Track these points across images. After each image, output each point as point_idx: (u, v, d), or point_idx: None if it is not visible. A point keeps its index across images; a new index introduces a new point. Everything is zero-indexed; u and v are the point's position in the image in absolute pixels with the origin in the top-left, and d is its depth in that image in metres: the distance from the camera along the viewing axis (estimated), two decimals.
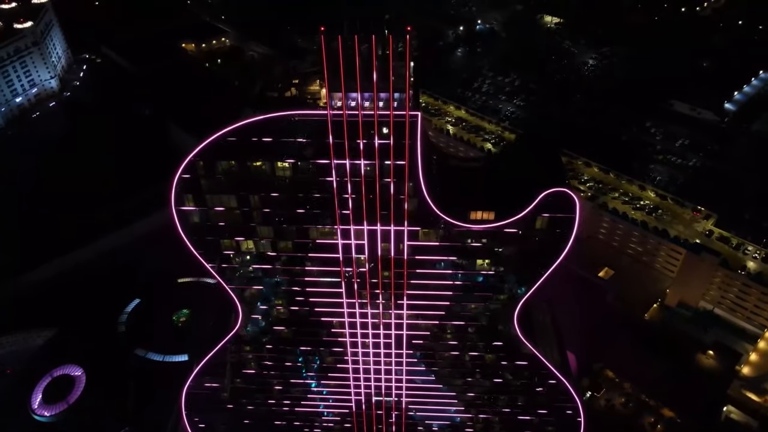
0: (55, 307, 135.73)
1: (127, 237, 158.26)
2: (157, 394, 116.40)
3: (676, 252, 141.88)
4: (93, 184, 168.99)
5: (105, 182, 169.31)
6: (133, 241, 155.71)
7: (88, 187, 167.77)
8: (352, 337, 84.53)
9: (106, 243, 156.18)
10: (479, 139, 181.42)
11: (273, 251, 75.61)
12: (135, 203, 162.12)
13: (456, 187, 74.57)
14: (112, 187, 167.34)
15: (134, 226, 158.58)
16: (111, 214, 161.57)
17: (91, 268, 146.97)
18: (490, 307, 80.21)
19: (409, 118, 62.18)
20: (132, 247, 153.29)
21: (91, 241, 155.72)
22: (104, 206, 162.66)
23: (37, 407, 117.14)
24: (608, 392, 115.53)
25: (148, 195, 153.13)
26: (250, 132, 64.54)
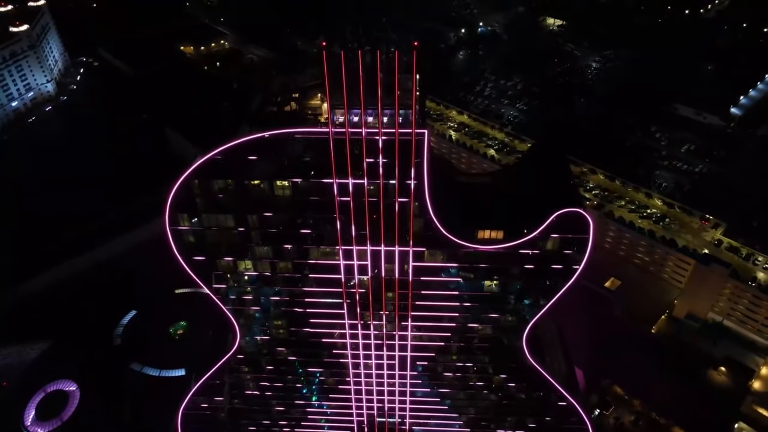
0: (49, 318, 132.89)
1: (124, 245, 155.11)
2: (154, 411, 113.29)
3: (684, 262, 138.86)
4: (90, 190, 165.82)
5: (102, 189, 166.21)
6: (130, 249, 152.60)
7: (84, 194, 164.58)
8: (354, 358, 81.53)
9: (103, 252, 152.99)
10: (482, 145, 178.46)
11: (272, 272, 72.47)
12: (132, 210, 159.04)
13: (463, 204, 71.44)
14: (109, 194, 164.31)
15: (131, 234, 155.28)
16: (108, 222, 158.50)
17: (88, 278, 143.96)
18: (497, 329, 77.11)
19: (415, 136, 59.01)
20: (129, 256, 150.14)
21: (87, 249, 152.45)
22: (101, 214, 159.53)
23: (30, 424, 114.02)
24: (617, 410, 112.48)
25: (146, 202, 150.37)
26: (248, 150, 61.33)
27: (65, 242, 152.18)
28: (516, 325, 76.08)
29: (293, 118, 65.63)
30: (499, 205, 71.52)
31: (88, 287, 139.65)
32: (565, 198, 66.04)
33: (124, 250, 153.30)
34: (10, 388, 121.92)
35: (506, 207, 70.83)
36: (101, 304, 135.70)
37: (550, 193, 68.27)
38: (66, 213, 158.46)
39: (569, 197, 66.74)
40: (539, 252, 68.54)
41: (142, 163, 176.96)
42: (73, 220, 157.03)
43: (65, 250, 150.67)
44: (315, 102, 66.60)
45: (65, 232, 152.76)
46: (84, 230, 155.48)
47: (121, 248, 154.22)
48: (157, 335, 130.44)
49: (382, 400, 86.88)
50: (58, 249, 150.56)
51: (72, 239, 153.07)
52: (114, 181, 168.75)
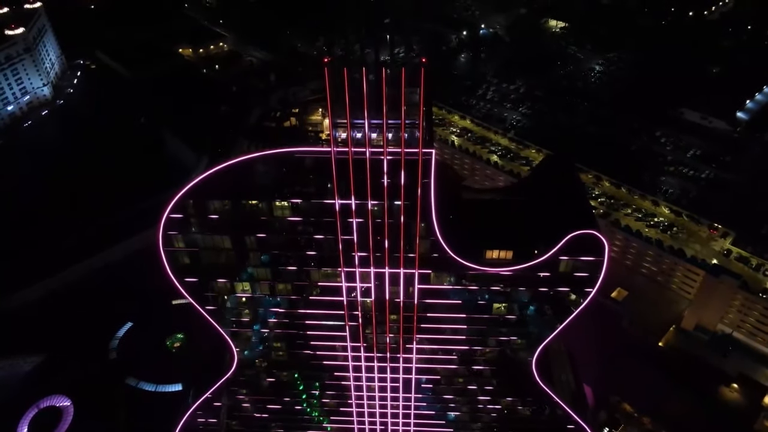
0: (43, 329, 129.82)
1: (120, 254, 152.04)
2: (150, 426, 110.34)
3: (693, 273, 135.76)
4: (86, 196, 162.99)
5: (98, 195, 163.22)
6: (126, 258, 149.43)
7: (80, 200, 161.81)
8: (356, 380, 78.44)
9: (98, 260, 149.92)
10: (485, 151, 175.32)
11: (270, 294, 69.35)
12: (129, 217, 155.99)
13: (470, 223, 68.22)
14: (105, 200, 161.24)
15: (127, 242, 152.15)
16: (103, 230, 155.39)
17: (82, 288, 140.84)
18: (506, 352, 74.02)
19: (422, 156, 55.87)
20: (125, 265, 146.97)
21: (81, 258, 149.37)
22: (96, 220, 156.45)
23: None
24: (627, 428, 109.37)
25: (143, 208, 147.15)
26: (246, 169, 58.17)
27: (60, 250, 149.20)
28: (525, 347, 73.02)
29: (293, 134, 62.48)
30: (507, 224, 68.28)
31: (82, 297, 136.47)
32: (580, 219, 62.94)
33: (120, 258, 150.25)
34: (3, 402, 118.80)
35: (515, 226, 67.66)
36: (96, 315, 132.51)
37: (563, 212, 65.14)
38: (60, 221, 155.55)
39: (584, 218, 63.62)
40: (550, 274, 65.37)
41: (138, 168, 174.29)
42: (69, 227, 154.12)
43: (60, 258, 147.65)
44: (316, 117, 63.51)
45: (61, 240, 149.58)
46: (79, 238, 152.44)
47: (117, 257, 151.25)
48: (154, 348, 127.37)
49: (386, 422, 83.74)
50: (53, 257, 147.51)
51: (67, 247, 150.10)
52: (110, 186, 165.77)
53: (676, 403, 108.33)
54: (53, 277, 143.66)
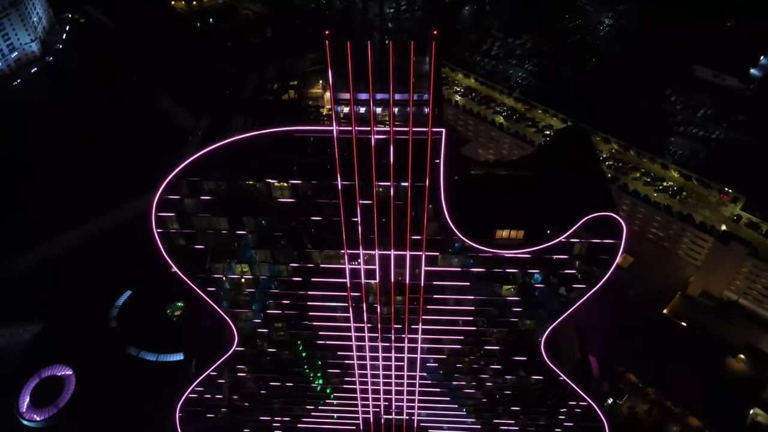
0: (41, 297, 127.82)
1: (117, 219, 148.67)
2: (152, 396, 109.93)
3: (701, 239, 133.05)
4: (78, 158, 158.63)
5: (91, 156, 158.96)
6: (123, 224, 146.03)
7: (72, 162, 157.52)
8: (360, 359, 76.61)
9: (94, 226, 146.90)
10: (489, 112, 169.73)
11: (271, 276, 66.53)
12: (124, 180, 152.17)
13: (479, 200, 64.63)
14: (98, 162, 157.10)
15: (123, 207, 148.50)
16: (99, 193, 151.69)
17: (79, 254, 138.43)
18: (514, 333, 71.83)
19: (432, 135, 51.84)
20: (122, 230, 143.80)
21: (78, 223, 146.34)
22: (90, 184, 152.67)
23: (26, 411, 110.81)
24: (631, 398, 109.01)
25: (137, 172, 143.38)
26: (241, 149, 54.21)
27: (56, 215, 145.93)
28: (534, 329, 70.78)
29: (292, 108, 58.20)
30: (519, 201, 64.71)
31: (79, 264, 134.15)
32: (597, 199, 59.39)
33: (118, 223, 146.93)
34: (4, 371, 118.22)
35: (527, 204, 64.13)
36: (95, 283, 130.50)
37: (579, 191, 61.54)
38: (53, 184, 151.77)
39: (602, 199, 60.06)
40: (563, 257, 62.36)
41: (132, 128, 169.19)
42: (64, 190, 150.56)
43: (56, 223, 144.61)
44: (316, 90, 59.13)
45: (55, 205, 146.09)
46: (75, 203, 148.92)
47: (115, 222, 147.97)
48: (154, 317, 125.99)
49: (389, 398, 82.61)
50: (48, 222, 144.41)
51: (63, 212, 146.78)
52: (104, 148, 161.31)
53: (681, 374, 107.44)
54: (49, 243, 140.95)
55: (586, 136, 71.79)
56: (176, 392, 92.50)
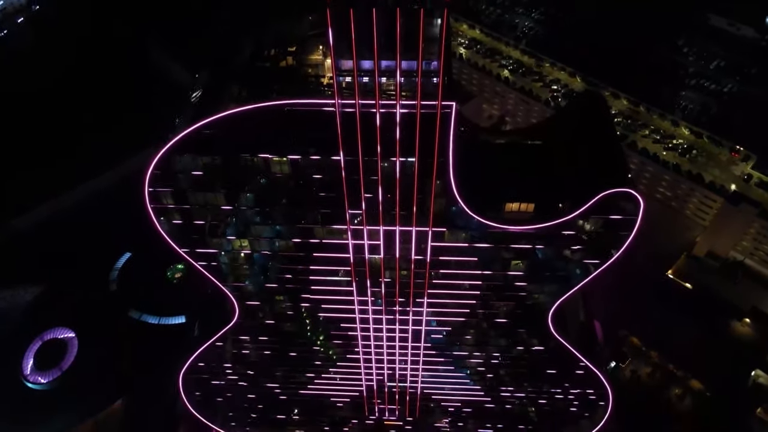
0: (39, 259, 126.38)
1: (114, 178, 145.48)
2: (155, 359, 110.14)
3: (710, 200, 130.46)
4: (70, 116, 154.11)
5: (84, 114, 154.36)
6: (119, 183, 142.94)
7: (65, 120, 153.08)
8: (363, 331, 75.43)
9: (91, 186, 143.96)
10: (495, 65, 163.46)
11: (271, 251, 64.27)
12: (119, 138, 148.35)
13: (488, 171, 61.49)
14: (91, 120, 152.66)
15: (119, 167, 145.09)
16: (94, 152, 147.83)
17: (76, 215, 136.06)
18: (521, 306, 70.23)
19: (441, 109, 48.34)
20: (118, 191, 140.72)
21: (74, 183, 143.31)
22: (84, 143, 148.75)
23: (30, 374, 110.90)
24: (634, 362, 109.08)
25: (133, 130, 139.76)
26: (236, 123, 50.76)
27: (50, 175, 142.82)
28: (542, 302, 69.11)
29: (290, 77, 54.37)
30: (529, 172, 61.67)
31: (77, 225, 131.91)
32: (616, 174, 56.35)
33: (115, 183, 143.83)
34: (6, 335, 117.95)
35: (538, 175, 61.13)
36: (93, 244, 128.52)
37: (594, 163, 58.39)
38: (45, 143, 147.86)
39: (619, 174, 56.97)
40: (575, 233, 59.89)
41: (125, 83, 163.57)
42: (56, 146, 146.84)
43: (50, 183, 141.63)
44: (316, 57, 55.04)
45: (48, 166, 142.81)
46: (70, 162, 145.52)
47: (111, 181, 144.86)
48: (155, 279, 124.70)
49: (393, 368, 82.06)
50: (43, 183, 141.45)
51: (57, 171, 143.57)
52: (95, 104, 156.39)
53: (685, 337, 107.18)
54: (46, 202, 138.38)
55: (604, 103, 67.84)
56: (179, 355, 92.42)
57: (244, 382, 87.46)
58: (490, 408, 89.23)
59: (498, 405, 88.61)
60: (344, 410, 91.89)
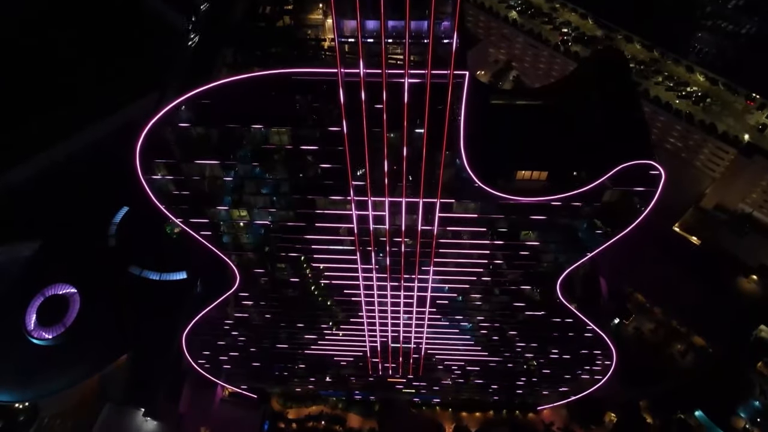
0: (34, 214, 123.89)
1: (109, 128, 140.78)
2: (158, 315, 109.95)
3: (722, 151, 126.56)
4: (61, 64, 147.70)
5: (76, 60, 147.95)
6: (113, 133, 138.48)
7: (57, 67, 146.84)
8: (367, 297, 74.06)
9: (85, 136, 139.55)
10: (502, 6, 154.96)
11: (272, 221, 61.71)
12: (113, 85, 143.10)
13: (499, 136, 57.90)
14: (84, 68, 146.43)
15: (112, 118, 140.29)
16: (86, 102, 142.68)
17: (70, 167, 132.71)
18: (528, 275, 68.43)
19: (453, 78, 44.45)
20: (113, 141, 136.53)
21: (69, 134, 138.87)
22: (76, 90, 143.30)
23: (33, 329, 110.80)
24: (637, 318, 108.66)
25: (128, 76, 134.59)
26: (230, 93, 46.94)
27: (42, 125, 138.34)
28: (551, 271, 67.26)
29: (287, 38, 49.99)
30: (543, 138, 58.13)
31: (73, 178, 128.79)
32: (637, 144, 52.96)
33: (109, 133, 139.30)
34: (7, 290, 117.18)
35: (553, 141, 57.63)
36: (90, 198, 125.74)
37: (615, 132, 54.78)
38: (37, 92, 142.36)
39: (641, 143, 53.54)
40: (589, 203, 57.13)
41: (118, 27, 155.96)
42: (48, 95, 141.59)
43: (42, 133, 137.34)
44: (316, 16, 50.39)
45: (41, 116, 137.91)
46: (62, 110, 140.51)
47: (106, 131, 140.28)
48: (154, 234, 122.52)
49: (397, 330, 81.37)
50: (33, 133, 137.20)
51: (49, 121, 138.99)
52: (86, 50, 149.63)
53: (690, 294, 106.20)
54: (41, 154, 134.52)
55: (625, 62, 63.25)
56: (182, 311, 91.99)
57: (247, 343, 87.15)
58: (492, 366, 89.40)
59: (501, 364, 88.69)
60: (348, 368, 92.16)
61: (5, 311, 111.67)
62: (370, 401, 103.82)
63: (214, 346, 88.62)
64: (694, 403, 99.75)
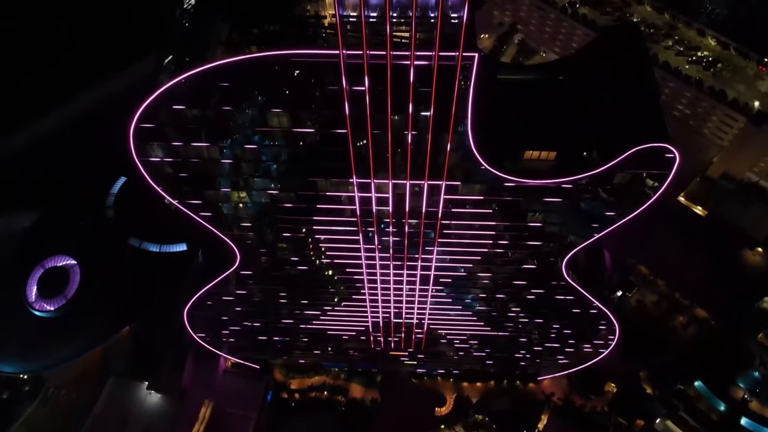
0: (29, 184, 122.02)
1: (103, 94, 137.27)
2: (159, 287, 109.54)
3: (731, 119, 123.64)
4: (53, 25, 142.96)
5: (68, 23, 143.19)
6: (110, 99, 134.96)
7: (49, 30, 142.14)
8: (370, 276, 73.11)
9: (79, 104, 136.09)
10: None
11: (272, 202, 60.07)
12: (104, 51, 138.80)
13: (506, 113, 55.69)
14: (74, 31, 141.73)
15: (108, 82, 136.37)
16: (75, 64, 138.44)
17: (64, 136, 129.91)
18: (534, 255, 67.26)
19: (462, 61, 42.05)
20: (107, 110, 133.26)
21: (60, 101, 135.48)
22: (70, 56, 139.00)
23: (35, 301, 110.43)
24: (640, 291, 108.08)
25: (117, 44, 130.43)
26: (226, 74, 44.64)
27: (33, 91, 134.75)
28: (558, 250, 66.04)
29: (286, 16, 47.24)
30: (552, 114, 55.93)
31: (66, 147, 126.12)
32: (652, 126, 50.83)
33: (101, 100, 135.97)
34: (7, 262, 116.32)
35: (562, 118, 55.50)
36: (86, 168, 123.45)
37: (628, 111, 52.55)
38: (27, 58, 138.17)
39: (657, 125, 51.37)
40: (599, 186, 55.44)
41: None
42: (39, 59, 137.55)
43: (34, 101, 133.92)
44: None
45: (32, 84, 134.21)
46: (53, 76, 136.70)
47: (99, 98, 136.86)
48: (152, 205, 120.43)
49: (400, 307, 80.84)
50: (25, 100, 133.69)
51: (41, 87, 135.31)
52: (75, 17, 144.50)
53: (694, 266, 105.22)
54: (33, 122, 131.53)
55: (640, 37, 60.23)
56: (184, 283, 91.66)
57: (249, 318, 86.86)
58: (494, 339, 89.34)
59: (503, 338, 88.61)
60: (350, 342, 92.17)
61: (5, 283, 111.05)
62: (372, 372, 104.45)
63: (216, 321, 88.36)
64: (694, 373, 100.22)
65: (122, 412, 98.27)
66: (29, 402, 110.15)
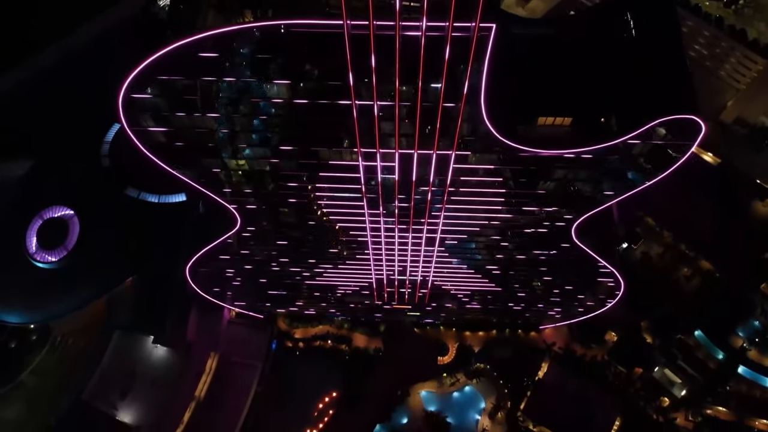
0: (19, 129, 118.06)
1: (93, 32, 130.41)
2: (160, 238, 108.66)
3: (750, 60, 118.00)
4: None
5: None
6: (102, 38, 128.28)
7: None
8: (374, 238, 71.57)
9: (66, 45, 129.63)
10: None
11: (272, 170, 57.45)
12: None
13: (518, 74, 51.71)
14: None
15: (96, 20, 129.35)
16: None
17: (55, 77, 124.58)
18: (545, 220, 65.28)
19: (478, 32, 38.30)
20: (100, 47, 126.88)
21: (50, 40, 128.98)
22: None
23: (35, 252, 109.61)
24: (646, 243, 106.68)
25: None
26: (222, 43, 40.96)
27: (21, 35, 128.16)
28: (567, 217, 64.04)
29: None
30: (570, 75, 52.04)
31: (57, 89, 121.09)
32: (679, 94, 47.31)
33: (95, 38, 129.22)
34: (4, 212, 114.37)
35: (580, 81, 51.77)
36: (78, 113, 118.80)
37: (652, 76, 48.78)
38: None
39: (685, 94, 47.75)
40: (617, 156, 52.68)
41: None
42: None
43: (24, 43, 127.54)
44: None
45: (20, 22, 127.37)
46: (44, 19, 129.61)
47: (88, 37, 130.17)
48: None
49: (404, 266, 79.90)
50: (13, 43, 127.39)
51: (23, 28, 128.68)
52: None
53: (702, 217, 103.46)
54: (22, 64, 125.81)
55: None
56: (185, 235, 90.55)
57: (252, 274, 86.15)
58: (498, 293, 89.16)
59: (507, 292, 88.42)
60: (353, 297, 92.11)
61: (5, 233, 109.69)
62: (375, 322, 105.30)
63: (219, 276, 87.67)
64: (695, 323, 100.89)
65: (129, 366, 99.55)
66: (38, 351, 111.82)
